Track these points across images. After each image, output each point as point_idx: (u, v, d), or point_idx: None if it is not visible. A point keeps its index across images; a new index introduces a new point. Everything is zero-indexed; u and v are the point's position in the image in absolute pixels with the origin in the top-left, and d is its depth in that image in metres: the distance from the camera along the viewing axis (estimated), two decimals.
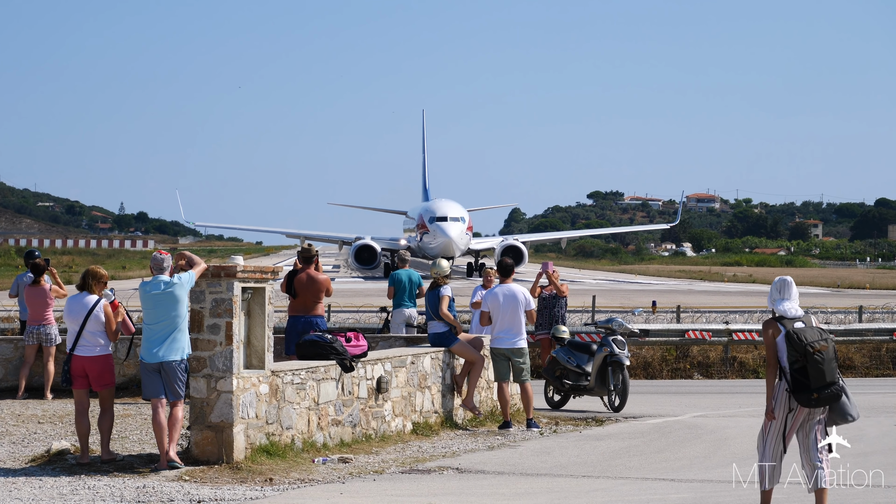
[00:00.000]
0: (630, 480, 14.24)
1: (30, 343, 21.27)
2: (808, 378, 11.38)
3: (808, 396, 11.42)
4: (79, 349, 14.87)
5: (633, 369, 27.00)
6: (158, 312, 14.34)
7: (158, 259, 14.61)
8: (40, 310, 21.40)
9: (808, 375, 11.38)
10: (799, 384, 11.43)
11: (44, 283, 21.43)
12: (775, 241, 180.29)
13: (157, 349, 14.32)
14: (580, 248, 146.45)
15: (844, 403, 11.61)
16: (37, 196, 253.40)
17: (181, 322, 14.36)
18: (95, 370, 14.84)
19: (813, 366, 11.36)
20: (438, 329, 18.81)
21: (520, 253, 73.17)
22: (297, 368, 15.39)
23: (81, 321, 14.83)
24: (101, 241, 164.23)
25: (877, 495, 13.15)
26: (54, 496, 12.85)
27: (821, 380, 11.38)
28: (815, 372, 11.36)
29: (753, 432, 17.97)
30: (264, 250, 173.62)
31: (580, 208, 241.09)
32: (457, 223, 76.22)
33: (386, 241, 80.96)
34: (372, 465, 15.13)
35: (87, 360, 14.84)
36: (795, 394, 11.48)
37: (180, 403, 14.44)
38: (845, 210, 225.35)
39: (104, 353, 14.94)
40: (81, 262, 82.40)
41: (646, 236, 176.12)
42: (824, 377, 11.39)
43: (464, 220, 77.03)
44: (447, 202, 79.79)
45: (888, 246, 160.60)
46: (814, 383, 11.38)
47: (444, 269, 19.47)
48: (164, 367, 14.35)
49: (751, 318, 31.66)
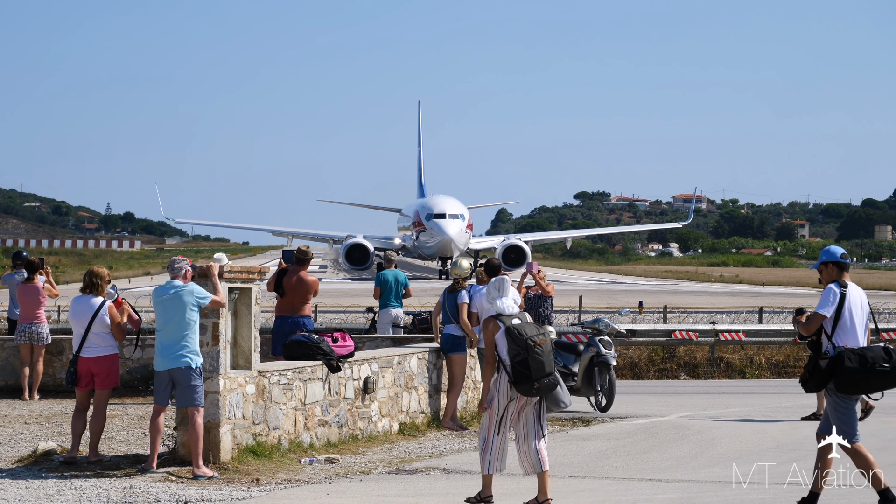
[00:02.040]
0: (617, 481, 14.26)
1: (22, 342, 21.19)
2: (530, 369, 12.16)
3: (530, 386, 12.18)
4: (85, 350, 14.87)
5: (620, 369, 27.02)
6: (166, 317, 14.18)
7: (175, 263, 14.32)
8: (32, 308, 21.33)
9: (530, 367, 12.16)
10: (520, 375, 12.21)
11: (37, 282, 21.38)
12: (762, 241, 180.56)
13: (164, 356, 14.15)
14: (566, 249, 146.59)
15: (559, 392, 12.40)
16: (23, 196, 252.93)
17: (188, 328, 14.12)
18: (102, 371, 14.87)
19: (534, 358, 12.17)
20: (455, 332, 18.61)
21: (522, 253, 69.85)
22: (283, 369, 15.39)
23: (87, 323, 14.83)
24: (88, 241, 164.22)
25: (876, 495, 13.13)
26: (41, 497, 12.83)
27: (541, 370, 12.17)
28: (535, 364, 12.16)
29: (741, 433, 18.03)
30: (251, 250, 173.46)
31: (567, 209, 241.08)
32: (456, 220, 72.13)
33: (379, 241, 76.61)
34: (359, 465, 15.14)
35: (93, 360, 14.84)
36: (517, 384, 12.25)
37: (198, 412, 14.08)
38: (832, 210, 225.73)
39: (111, 354, 14.97)
40: (68, 263, 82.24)
41: (633, 236, 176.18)
42: (544, 368, 12.19)
43: (463, 218, 73.00)
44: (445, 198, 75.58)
45: (874, 246, 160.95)
46: (535, 374, 12.15)
47: (465, 270, 18.98)
48: (173, 374, 14.17)
49: (737, 319, 31.72)
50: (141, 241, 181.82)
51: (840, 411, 12.00)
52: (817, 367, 11.91)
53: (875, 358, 11.76)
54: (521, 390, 12.25)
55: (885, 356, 11.79)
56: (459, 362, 18.60)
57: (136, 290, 51.12)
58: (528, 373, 12.18)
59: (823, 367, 11.87)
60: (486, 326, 12.61)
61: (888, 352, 11.85)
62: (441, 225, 71.21)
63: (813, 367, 11.95)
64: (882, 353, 11.81)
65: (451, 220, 71.88)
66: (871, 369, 11.74)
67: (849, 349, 11.83)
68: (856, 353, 11.78)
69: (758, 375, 27.96)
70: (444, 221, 71.45)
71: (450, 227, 71.23)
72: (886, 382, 11.84)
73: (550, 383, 12.28)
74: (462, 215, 72.93)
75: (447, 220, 71.60)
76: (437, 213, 72.15)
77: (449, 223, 71.44)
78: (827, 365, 11.85)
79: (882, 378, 11.79)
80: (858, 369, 11.73)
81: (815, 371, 11.93)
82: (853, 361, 11.73)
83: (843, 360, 11.74)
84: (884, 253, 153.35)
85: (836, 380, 11.82)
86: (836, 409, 12.02)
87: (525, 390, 12.24)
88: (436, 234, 71.47)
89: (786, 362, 28.34)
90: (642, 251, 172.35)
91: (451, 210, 72.63)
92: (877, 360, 11.76)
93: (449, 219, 71.81)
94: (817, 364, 11.92)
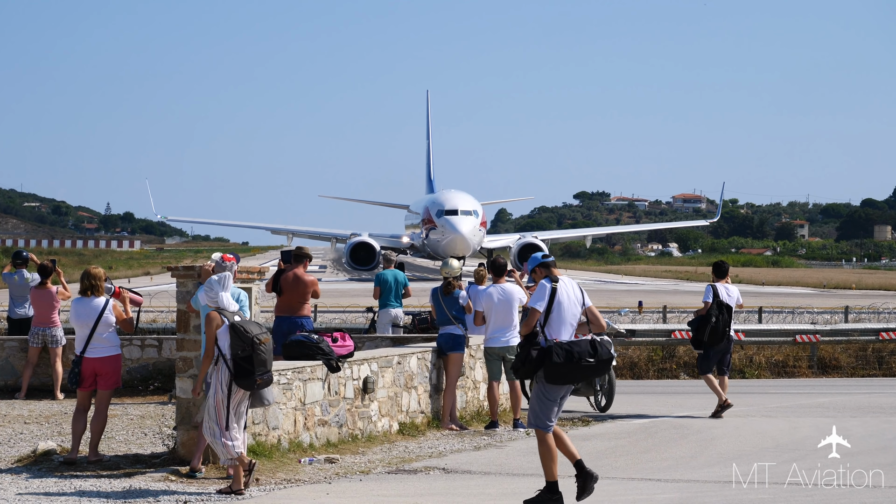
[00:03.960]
0: (616, 480, 14.26)
1: (35, 345, 21.24)
2: (253, 365, 12.93)
3: (252, 381, 12.97)
4: (90, 351, 14.88)
5: (620, 369, 27.02)
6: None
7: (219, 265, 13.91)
8: (46, 312, 21.36)
9: (254, 363, 12.93)
10: (242, 370, 12.96)
11: (50, 286, 21.38)
12: (761, 241, 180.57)
13: None
14: (566, 248, 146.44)
15: (267, 390, 13.22)
16: (23, 196, 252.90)
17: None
18: (106, 371, 14.91)
19: (258, 355, 12.95)
20: (456, 332, 18.60)
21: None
22: (283, 369, 15.39)
23: (92, 325, 14.83)
24: (88, 241, 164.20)
25: (876, 495, 13.16)
26: (41, 497, 12.84)
27: (263, 367, 13.00)
28: (259, 360, 12.95)
29: (740, 432, 18.03)
30: (251, 250, 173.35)
31: (566, 209, 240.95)
32: (469, 217, 67.81)
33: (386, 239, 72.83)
34: (358, 465, 15.14)
35: (97, 361, 14.86)
36: (238, 379, 12.99)
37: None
38: (831, 210, 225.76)
39: (115, 354, 15.04)
40: (68, 263, 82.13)
41: (632, 236, 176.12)
42: (266, 365, 13.03)
43: (477, 215, 68.65)
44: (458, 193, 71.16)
45: (874, 246, 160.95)
46: (258, 370, 12.95)
47: (456, 270, 19.00)
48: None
49: (737, 319, 31.68)
50: (140, 241, 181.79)
51: (541, 399, 12.51)
52: (528, 356, 12.44)
53: (581, 353, 12.37)
54: (241, 384, 13.00)
55: (591, 350, 12.41)
56: (456, 361, 18.59)
57: (137, 290, 51.09)
58: (252, 368, 12.94)
59: (534, 356, 12.42)
60: (211, 320, 13.12)
61: (594, 345, 12.44)
62: (453, 222, 67.37)
63: (525, 356, 12.47)
64: (588, 347, 12.42)
65: (464, 216, 67.91)
66: (577, 363, 12.34)
67: (557, 344, 12.40)
68: (563, 348, 12.36)
69: (757, 375, 27.94)
70: (456, 218, 67.60)
71: (463, 224, 67.40)
72: (592, 374, 12.51)
73: (269, 379, 13.12)
74: (476, 211, 68.94)
75: (460, 217, 67.69)
76: (450, 209, 68.20)
77: (462, 220, 67.57)
78: (537, 355, 12.41)
79: (588, 370, 12.40)
80: (565, 363, 12.31)
81: (526, 360, 12.45)
82: (560, 357, 12.32)
83: (551, 355, 12.32)
84: (884, 253, 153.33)
85: (545, 370, 12.39)
86: (537, 396, 12.53)
87: (246, 385, 13.00)
88: (448, 231, 67.52)
89: (785, 362, 28.33)
90: (642, 251, 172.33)
91: (464, 206, 68.62)
92: (583, 354, 12.37)
93: (462, 215, 67.85)
94: (528, 353, 12.45)
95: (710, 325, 19.82)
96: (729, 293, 20.12)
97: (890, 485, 13.71)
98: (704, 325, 19.89)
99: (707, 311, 19.86)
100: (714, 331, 19.82)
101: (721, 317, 19.83)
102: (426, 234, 70.04)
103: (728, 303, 19.94)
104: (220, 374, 13.03)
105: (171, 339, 21.76)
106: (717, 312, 19.84)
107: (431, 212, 69.38)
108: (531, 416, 12.58)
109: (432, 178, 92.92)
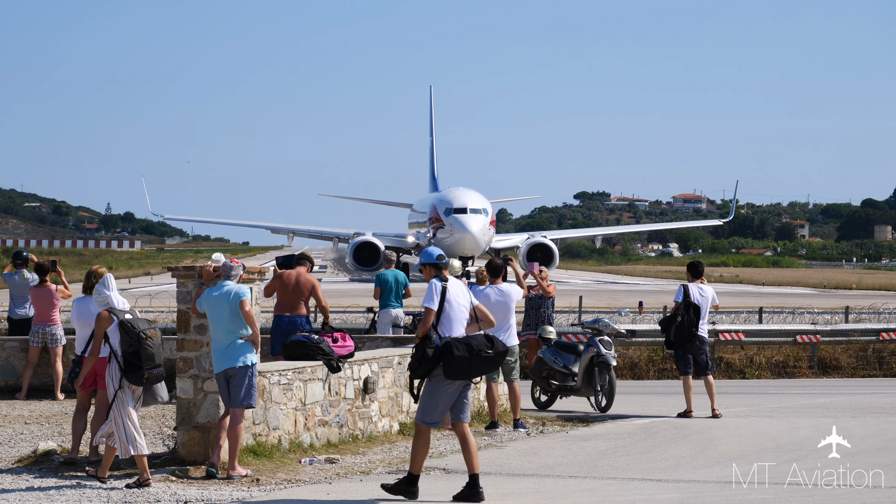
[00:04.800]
0: (617, 481, 14.26)
1: (35, 344, 21.22)
2: (141, 360, 13.32)
3: (140, 376, 13.35)
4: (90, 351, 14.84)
5: (620, 370, 27.01)
6: (216, 317, 14.00)
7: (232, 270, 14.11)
8: (47, 310, 21.35)
9: (141, 357, 13.32)
10: (131, 365, 13.36)
11: (49, 285, 21.38)
12: (762, 241, 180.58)
13: (220, 357, 13.97)
14: (567, 249, 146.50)
15: (160, 387, 13.61)
16: (23, 196, 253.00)
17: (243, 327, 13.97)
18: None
19: (145, 350, 13.35)
20: None
21: (549, 252, 64.34)
22: (283, 369, 15.39)
23: (93, 325, 14.79)
24: (88, 241, 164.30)
25: (876, 495, 13.16)
26: (41, 497, 12.84)
27: (151, 361, 13.38)
28: (146, 355, 13.34)
29: (741, 433, 18.03)
30: (251, 250, 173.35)
31: (567, 209, 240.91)
32: (478, 216, 65.34)
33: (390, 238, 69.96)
34: (359, 465, 15.13)
35: (99, 360, 14.82)
36: (128, 374, 13.39)
37: (238, 411, 13.92)
38: (832, 210, 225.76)
39: None
40: (68, 263, 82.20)
41: (632, 236, 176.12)
42: (154, 359, 13.40)
43: (486, 213, 66.23)
44: (466, 191, 68.66)
45: (874, 246, 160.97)
46: (146, 364, 13.33)
47: (456, 270, 18.96)
48: (229, 373, 13.93)
49: (737, 319, 31.70)
50: (141, 241, 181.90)
51: (432, 394, 12.80)
52: (425, 355, 12.69)
53: (479, 346, 12.74)
54: (131, 379, 13.38)
55: (487, 343, 12.75)
56: None
57: (137, 290, 51.15)
58: (139, 363, 13.33)
59: (430, 355, 12.66)
60: (101, 320, 13.60)
61: (490, 339, 12.80)
62: (462, 221, 64.81)
63: (421, 355, 12.71)
64: (484, 340, 12.77)
65: (474, 215, 65.33)
66: (478, 355, 12.64)
67: (455, 339, 12.71)
68: (462, 343, 12.67)
69: (757, 375, 27.95)
70: (465, 217, 65.02)
71: (472, 223, 64.83)
72: (489, 366, 12.82)
73: (159, 374, 13.49)
74: (485, 210, 66.46)
75: (469, 216, 65.14)
76: (458, 207, 65.53)
77: (471, 219, 64.99)
78: (434, 353, 12.66)
79: (486, 362, 12.75)
80: (466, 356, 12.60)
81: (422, 359, 12.70)
82: (461, 350, 12.61)
83: (452, 349, 12.59)
84: (884, 253, 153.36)
85: (445, 366, 12.65)
86: (429, 392, 12.81)
87: (135, 379, 13.38)
88: (456, 230, 64.92)
89: (786, 362, 28.34)
90: (642, 251, 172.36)
91: (472, 204, 66.09)
92: (481, 347, 12.74)
93: (471, 214, 65.25)
94: (425, 352, 12.69)
95: (675, 325, 19.87)
96: (703, 293, 20.21)
97: (890, 485, 13.71)
98: (671, 325, 19.98)
99: (674, 310, 19.98)
100: (679, 330, 19.87)
101: (687, 317, 19.87)
102: (433, 233, 67.60)
103: (699, 303, 19.98)
104: (112, 371, 13.47)
105: (171, 340, 21.74)
106: (684, 313, 19.89)
107: (439, 210, 67.01)
108: (419, 412, 12.89)
109: (436, 175, 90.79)
